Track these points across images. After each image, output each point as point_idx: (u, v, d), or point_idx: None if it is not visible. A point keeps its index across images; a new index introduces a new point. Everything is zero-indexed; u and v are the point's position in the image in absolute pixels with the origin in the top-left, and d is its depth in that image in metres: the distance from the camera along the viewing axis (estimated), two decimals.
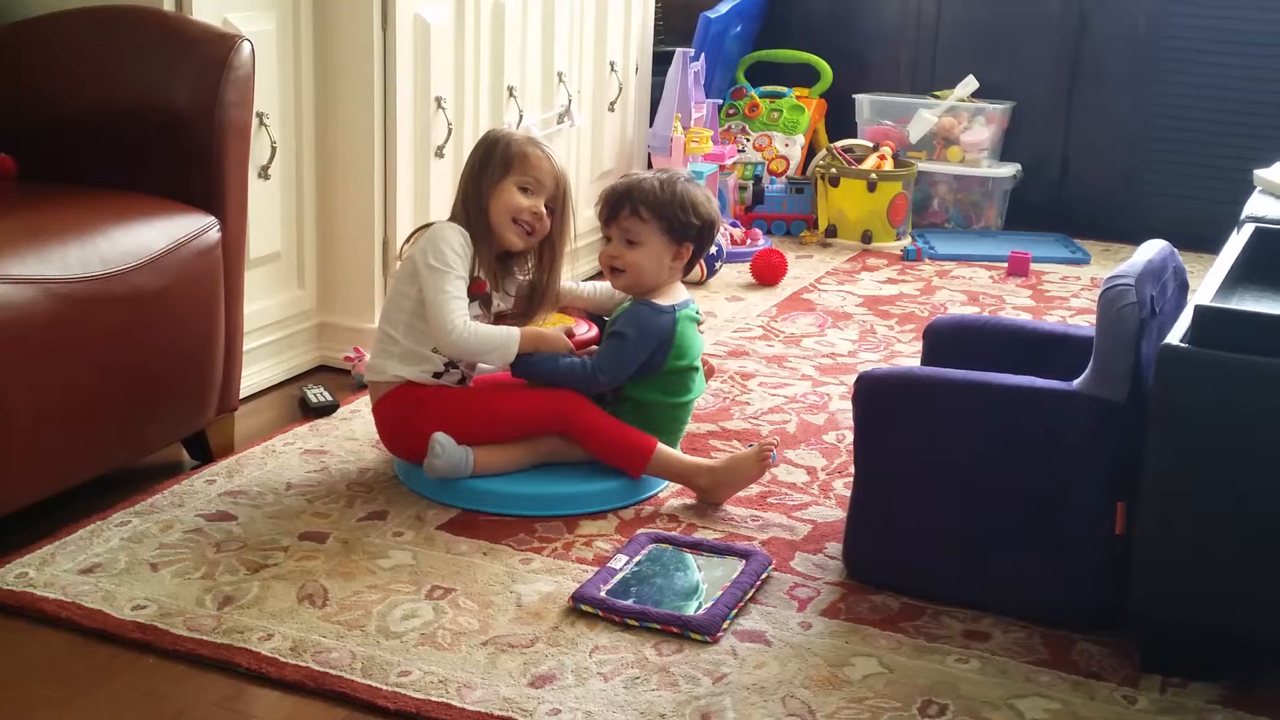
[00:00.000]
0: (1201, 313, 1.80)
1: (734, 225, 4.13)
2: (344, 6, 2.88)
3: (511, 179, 2.39)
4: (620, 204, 2.43)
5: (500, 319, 2.45)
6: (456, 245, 2.34)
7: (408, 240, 2.46)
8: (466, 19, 3.14)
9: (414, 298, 2.36)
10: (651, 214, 2.41)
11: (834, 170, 4.30)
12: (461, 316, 2.31)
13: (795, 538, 2.27)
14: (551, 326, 2.50)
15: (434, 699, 1.76)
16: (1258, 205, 2.57)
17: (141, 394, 2.23)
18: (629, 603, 1.99)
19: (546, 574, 2.11)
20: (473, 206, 2.40)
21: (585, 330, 2.64)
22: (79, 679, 1.81)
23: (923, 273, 4.02)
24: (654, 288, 2.45)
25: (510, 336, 2.36)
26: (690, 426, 2.58)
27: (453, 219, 2.42)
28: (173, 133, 2.35)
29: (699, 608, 1.99)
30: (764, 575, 2.11)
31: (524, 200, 2.39)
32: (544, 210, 2.41)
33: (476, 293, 2.38)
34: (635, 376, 2.42)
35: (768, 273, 3.82)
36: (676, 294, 2.47)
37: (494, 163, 2.40)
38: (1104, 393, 1.91)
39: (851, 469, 2.19)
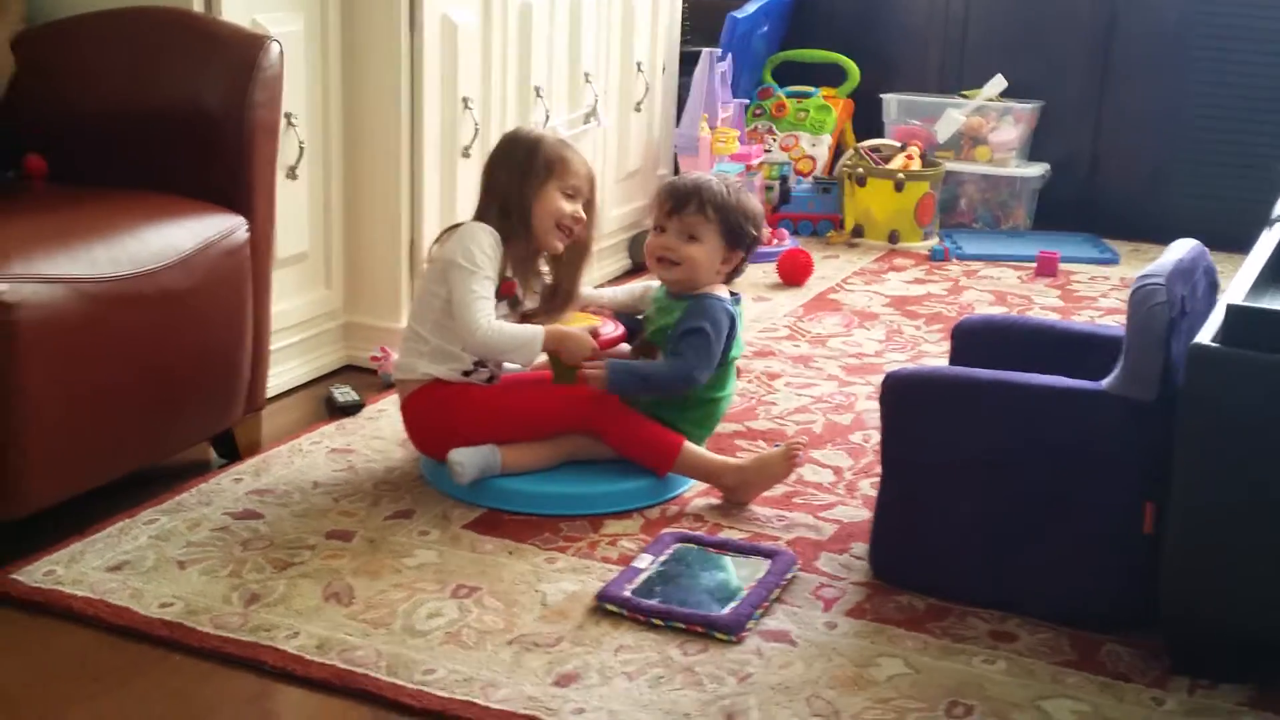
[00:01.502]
0: (1232, 312, 1.79)
1: None
2: (372, 7, 2.89)
3: (554, 184, 2.40)
4: (689, 198, 2.43)
5: (526, 318, 2.46)
6: (486, 246, 2.35)
7: (437, 240, 2.46)
8: (494, 19, 3.15)
9: (443, 297, 2.36)
10: (716, 214, 2.43)
11: (861, 170, 4.29)
12: (486, 316, 2.32)
13: (821, 538, 2.26)
14: (576, 325, 2.50)
15: (459, 698, 1.77)
16: None
17: (169, 393, 2.24)
18: (654, 602, 1.98)
19: (571, 573, 2.11)
20: (515, 209, 2.39)
21: (611, 329, 2.64)
22: (107, 676, 1.82)
23: (950, 273, 4.00)
24: (698, 287, 2.45)
25: (534, 335, 2.36)
26: (717, 427, 2.57)
27: (479, 218, 2.43)
28: (201, 133, 2.36)
29: (724, 607, 1.98)
30: (789, 575, 2.10)
31: (568, 206, 2.40)
32: (583, 216, 2.43)
33: (506, 293, 2.39)
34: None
35: (794, 273, 3.82)
36: (720, 292, 2.48)
37: (537, 166, 2.40)
38: (1133, 392, 1.89)
39: (878, 469, 2.18)
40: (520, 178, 2.40)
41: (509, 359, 2.40)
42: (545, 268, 2.50)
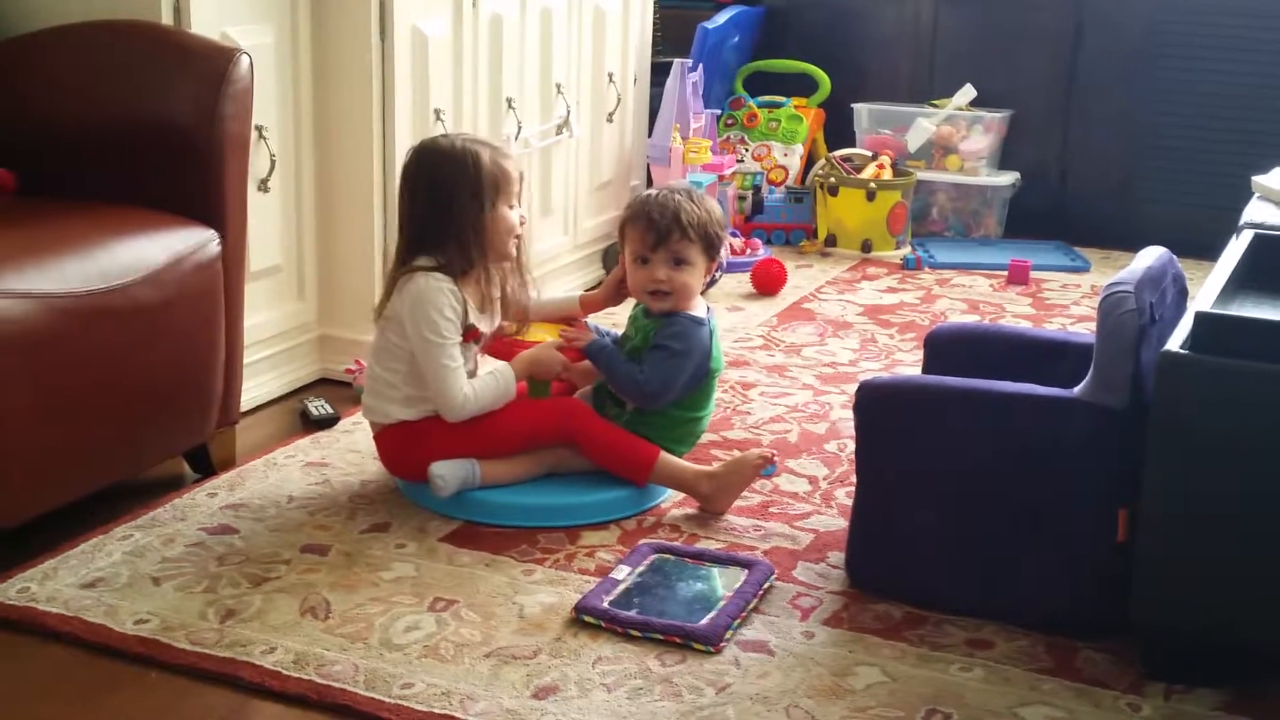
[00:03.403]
0: (1201, 319, 1.81)
1: (733, 235, 4.13)
2: (342, 19, 2.89)
3: (503, 201, 2.33)
4: (671, 227, 2.39)
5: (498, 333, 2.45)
6: (447, 310, 2.28)
7: (390, 288, 2.34)
8: (464, 31, 3.15)
9: (407, 349, 2.32)
10: (697, 233, 2.41)
11: (833, 179, 4.30)
12: (462, 389, 2.29)
13: (797, 547, 2.27)
14: (542, 336, 2.49)
15: (437, 711, 1.76)
16: (1256, 211, 2.58)
17: (142, 407, 2.23)
18: (632, 613, 1.98)
19: (549, 585, 2.11)
20: (471, 240, 2.30)
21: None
22: (82, 694, 1.81)
23: (923, 281, 4.02)
24: (689, 307, 2.46)
25: (507, 380, 2.35)
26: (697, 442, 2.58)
27: (412, 247, 2.33)
28: (172, 146, 2.35)
29: (702, 618, 1.98)
30: (766, 585, 2.11)
31: (514, 217, 2.37)
32: (524, 215, 2.39)
33: (471, 339, 2.37)
34: (686, 388, 2.42)
35: (768, 282, 3.82)
36: (700, 306, 2.48)
37: (485, 189, 2.30)
38: (1104, 400, 1.91)
39: (853, 478, 2.19)
40: (470, 204, 2.30)
41: (492, 409, 2.36)
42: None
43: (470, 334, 2.35)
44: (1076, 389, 1.95)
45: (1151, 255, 2.07)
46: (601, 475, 2.39)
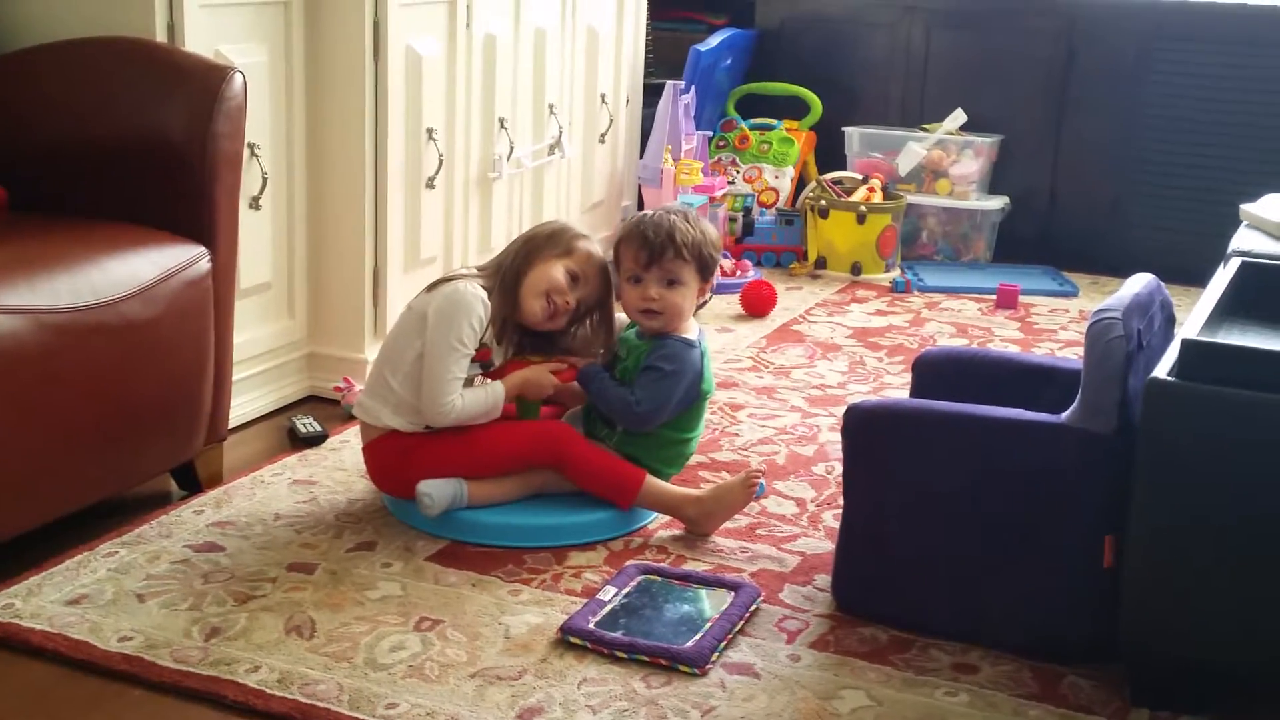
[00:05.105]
0: (1188, 346, 1.81)
1: (724, 257, 4.14)
2: (335, 38, 2.90)
3: (562, 260, 2.41)
4: (665, 246, 2.41)
5: (571, 351, 2.49)
6: (476, 320, 2.33)
7: (428, 289, 2.41)
8: (458, 51, 3.16)
9: (418, 350, 2.34)
10: (691, 254, 2.42)
11: (823, 202, 4.31)
12: (453, 397, 2.32)
13: (784, 570, 2.27)
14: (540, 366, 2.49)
15: None
16: (1244, 240, 2.59)
17: (130, 424, 2.23)
18: (618, 635, 1.98)
19: (535, 606, 2.10)
20: (508, 268, 2.41)
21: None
22: (65, 711, 1.80)
23: (912, 305, 4.03)
24: (681, 329, 2.47)
25: (497, 398, 2.36)
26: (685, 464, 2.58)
27: (482, 269, 2.46)
28: (164, 163, 2.35)
29: (688, 640, 1.98)
30: (753, 607, 2.11)
31: (565, 282, 2.40)
32: (574, 304, 2.42)
33: (479, 359, 2.38)
34: (677, 410, 2.42)
35: (757, 304, 3.83)
36: (691, 329, 2.48)
37: (558, 243, 2.42)
38: (1092, 425, 1.91)
39: (841, 501, 2.19)
40: (536, 245, 2.43)
41: (474, 423, 2.37)
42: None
43: (481, 353, 2.37)
44: (1064, 415, 1.95)
45: (1139, 282, 2.08)
46: (589, 496, 2.39)
